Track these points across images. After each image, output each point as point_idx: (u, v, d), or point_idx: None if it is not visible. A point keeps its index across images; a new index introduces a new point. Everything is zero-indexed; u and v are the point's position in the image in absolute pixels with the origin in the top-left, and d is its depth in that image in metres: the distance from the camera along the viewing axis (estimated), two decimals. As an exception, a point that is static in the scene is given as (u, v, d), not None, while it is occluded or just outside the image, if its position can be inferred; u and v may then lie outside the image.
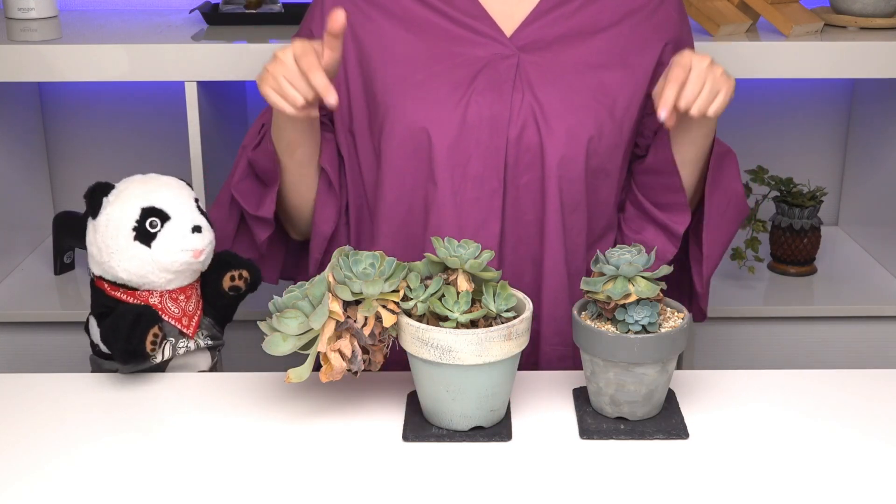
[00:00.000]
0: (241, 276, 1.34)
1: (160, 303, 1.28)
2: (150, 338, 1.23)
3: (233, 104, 2.05)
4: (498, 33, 1.34)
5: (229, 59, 1.74)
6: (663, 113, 1.22)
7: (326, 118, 1.40)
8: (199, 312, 1.32)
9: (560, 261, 1.35)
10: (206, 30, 1.89)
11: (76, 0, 2.14)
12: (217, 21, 1.94)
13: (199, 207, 1.30)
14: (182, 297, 1.30)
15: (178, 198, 1.28)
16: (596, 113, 1.32)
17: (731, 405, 1.21)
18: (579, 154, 1.32)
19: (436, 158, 1.31)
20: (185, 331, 1.29)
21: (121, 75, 1.75)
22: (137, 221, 1.25)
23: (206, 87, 1.81)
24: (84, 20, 2.00)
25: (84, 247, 1.98)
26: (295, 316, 1.11)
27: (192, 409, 1.21)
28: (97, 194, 1.28)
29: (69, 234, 1.99)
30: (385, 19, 1.35)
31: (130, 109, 2.18)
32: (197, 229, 1.27)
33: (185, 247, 1.26)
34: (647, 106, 1.39)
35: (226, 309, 1.36)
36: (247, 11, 1.93)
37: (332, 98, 1.19)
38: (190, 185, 1.33)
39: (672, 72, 1.23)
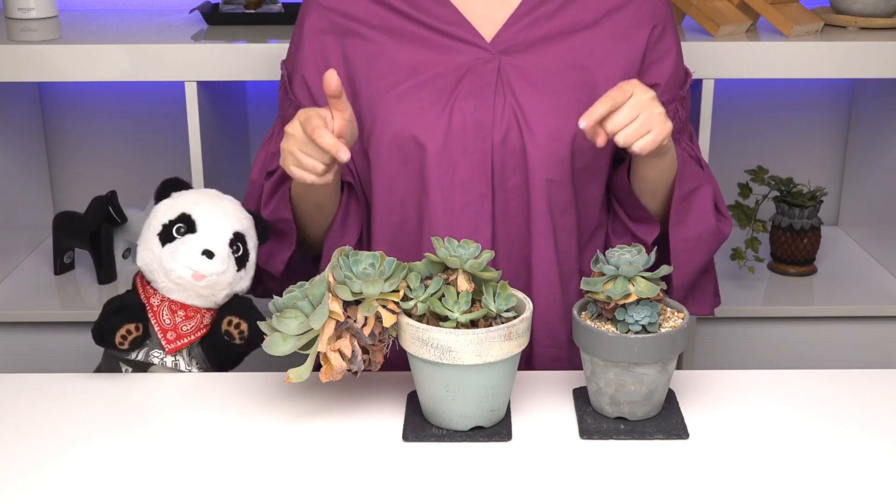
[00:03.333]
0: (237, 326, 1.28)
1: (159, 305, 1.29)
2: (122, 331, 1.25)
3: (233, 104, 2.05)
4: (478, 38, 1.34)
5: (229, 59, 1.74)
6: (583, 122, 1.20)
7: None
8: (192, 338, 1.30)
9: (551, 263, 1.35)
10: (206, 30, 1.89)
11: (76, 0, 2.14)
12: (217, 21, 1.94)
13: (239, 244, 1.30)
14: (181, 313, 1.29)
15: (219, 223, 1.29)
16: (579, 113, 1.30)
17: (731, 405, 1.21)
18: (564, 155, 1.31)
19: (426, 166, 1.31)
20: (165, 345, 1.29)
21: (121, 75, 1.75)
22: (171, 221, 1.28)
23: (206, 87, 1.81)
24: (84, 20, 2.00)
25: (83, 246, 2.00)
26: (295, 316, 1.10)
27: (192, 408, 1.21)
28: (167, 188, 1.33)
29: (69, 234, 1.99)
30: (367, 34, 1.35)
31: (130, 109, 2.18)
32: (209, 254, 1.26)
33: (189, 264, 1.26)
34: None
35: (221, 354, 1.31)
36: (247, 11, 1.93)
37: (343, 154, 1.18)
38: (255, 215, 1.34)
39: (612, 90, 1.21)
